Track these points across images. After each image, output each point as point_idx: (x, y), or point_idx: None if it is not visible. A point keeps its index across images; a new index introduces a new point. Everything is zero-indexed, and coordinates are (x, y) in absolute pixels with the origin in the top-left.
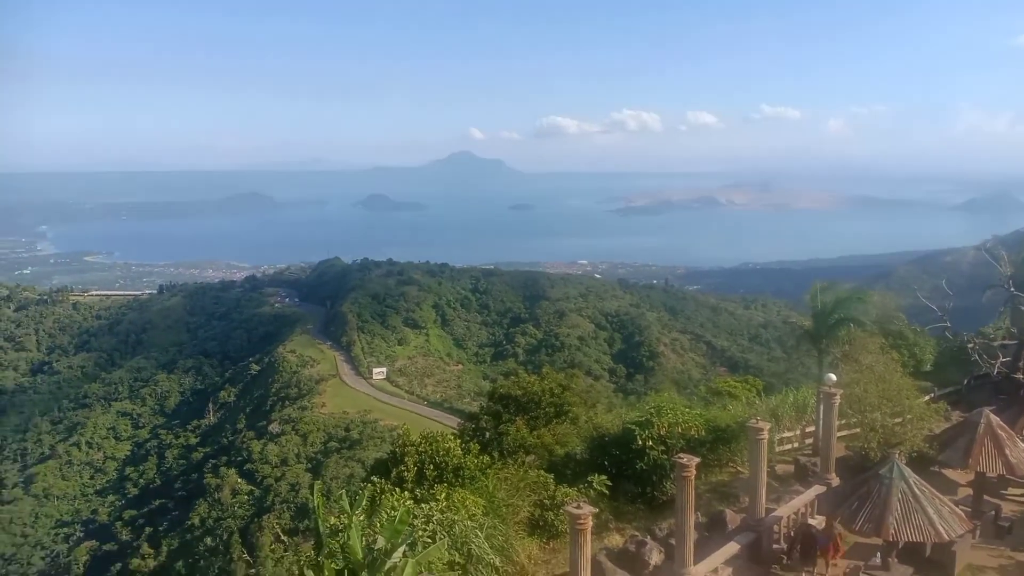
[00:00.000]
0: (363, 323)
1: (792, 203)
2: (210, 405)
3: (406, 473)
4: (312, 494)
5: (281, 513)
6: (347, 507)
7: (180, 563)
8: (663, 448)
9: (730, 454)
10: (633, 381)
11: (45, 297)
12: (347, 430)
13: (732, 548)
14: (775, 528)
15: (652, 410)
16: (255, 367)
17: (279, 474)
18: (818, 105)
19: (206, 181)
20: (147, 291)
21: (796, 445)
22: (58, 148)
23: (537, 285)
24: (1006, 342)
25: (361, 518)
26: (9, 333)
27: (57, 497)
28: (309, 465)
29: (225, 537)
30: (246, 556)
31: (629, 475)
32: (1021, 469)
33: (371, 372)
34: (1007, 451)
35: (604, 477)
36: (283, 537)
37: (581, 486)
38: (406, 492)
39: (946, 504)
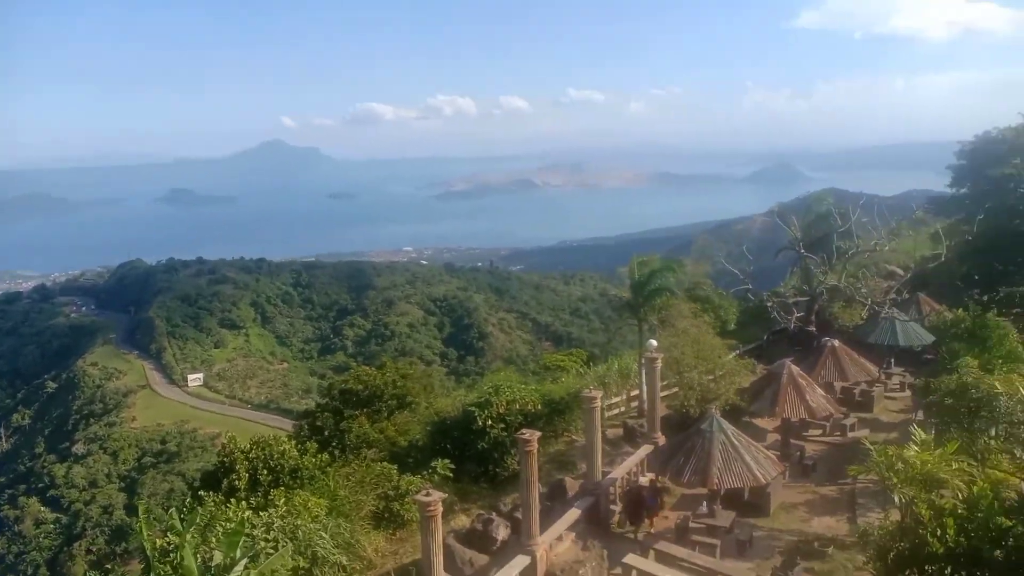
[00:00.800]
0: (173, 328)
1: (602, 182)
2: (0, 430)
3: (238, 482)
4: (138, 514)
5: (94, 539)
6: (177, 524)
7: None
8: (503, 426)
9: (565, 424)
10: (465, 363)
11: None
12: (163, 443)
13: (573, 514)
14: (611, 490)
15: (490, 390)
16: (52, 384)
17: (88, 497)
18: (621, 88)
19: None
20: None
21: (623, 409)
22: None
23: (362, 275)
24: (798, 299)
25: (194, 534)
26: None
27: None
28: (122, 484)
29: (30, 572)
30: None
31: (471, 456)
32: (820, 412)
33: (186, 379)
34: (807, 397)
35: (447, 461)
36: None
37: (425, 473)
38: (241, 502)
39: (760, 450)
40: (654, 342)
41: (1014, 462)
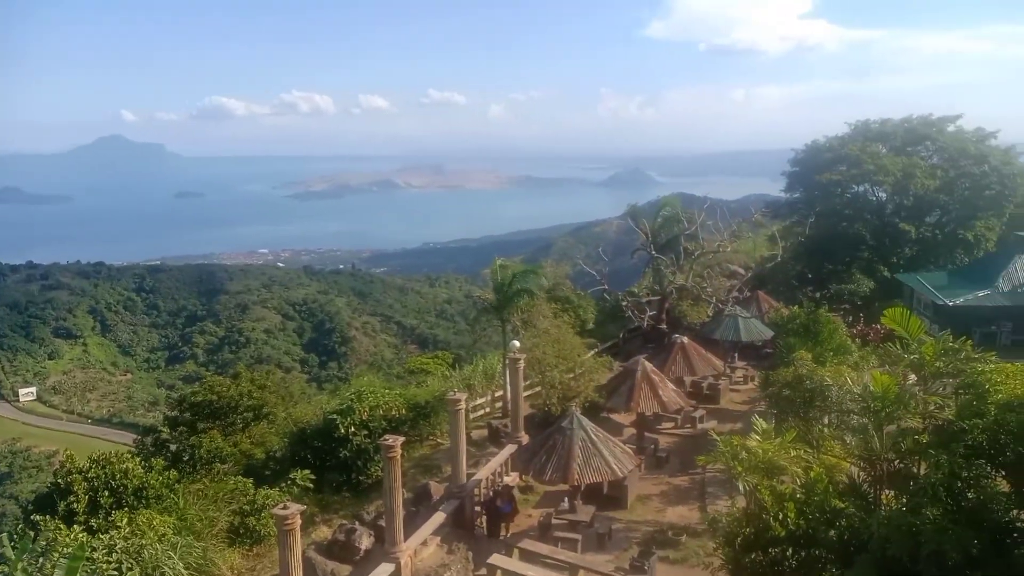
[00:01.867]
0: (1, 338)
1: (464, 184)
2: None
3: (76, 504)
4: None
5: None
6: (8, 551)
7: None
8: (366, 432)
9: (430, 428)
10: (327, 368)
11: None
12: None
13: (439, 518)
14: (475, 492)
15: (352, 396)
16: None
17: None
18: (482, 91)
19: None
20: None
21: (488, 410)
22: None
23: (214, 279)
24: (651, 298)
25: (28, 561)
26: None
27: None
28: None
29: None
30: None
31: (333, 465)
32: (672, 406)
33: (17, 394)
34: (660, 392)
35: (307, 472)
36: None
37: (284, 485)
38: (77, 526)
39: (618, 445)
40: (517, 343)
41: (845, 448)
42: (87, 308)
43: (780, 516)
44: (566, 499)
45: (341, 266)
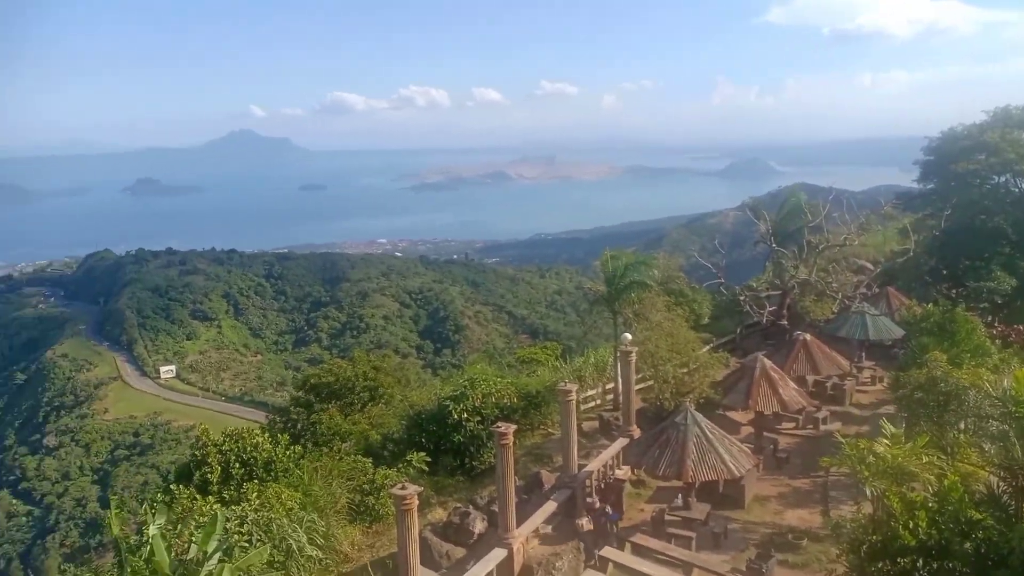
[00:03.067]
0: (144, 319)
1: (575, 175)
2: None
3: (211, 475)
4: (111, 507)
5: (68, 532)
6: (149, 518)
7: None
8: (479, 419)
9: (541, 417)
10: (441, 356)
11: None
12: (136, 435)
13: (550, 507)
14: (587, 482)
15: (466, 383)
16: (20, 376)
17: (61, 490)
18: (594, 81)
19: None
20: None
21: (599, 402)
22: None
23: (336, 267)
24: (771, 293)
25: (167, 528)
26: None
27: None
28: (96, 477)
29: (2, 566)
30: None
31: (447, 449)
32: (793, 406)
33: (158, 371)
34: (780, 390)
35: (423, 454)
36: (82, 557)
37: (400, 466)
38: (211, 496)
39: (734, 443)
40: (628, 335)
41: (983, 456)
42: (221, 293)
43: (910, 525)
44: (680, 496)
45: (455, 256)
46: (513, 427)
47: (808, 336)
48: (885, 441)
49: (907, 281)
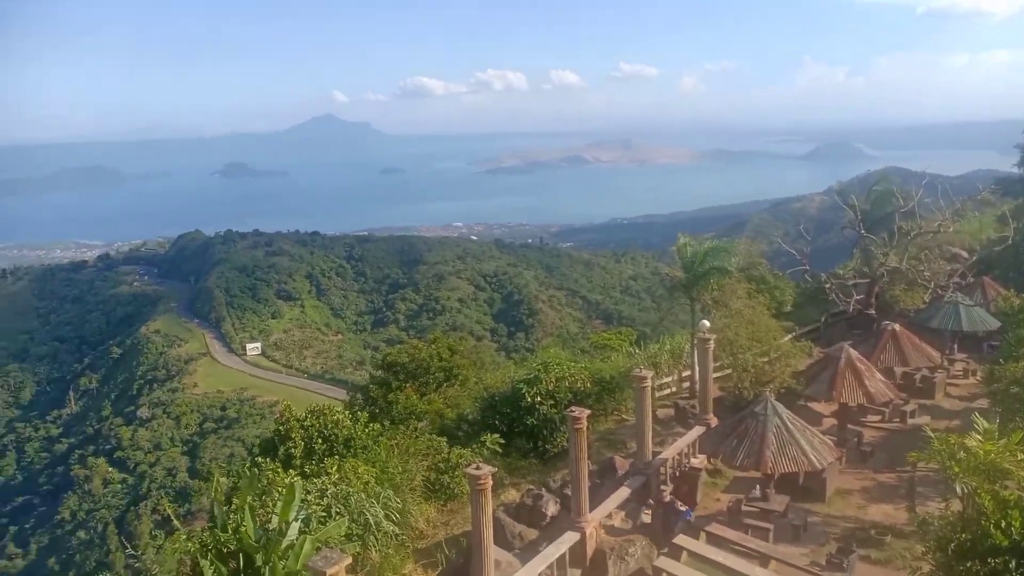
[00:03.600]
0: (232, 298)
1: (653, 158)
2: (71, 393)
3: (294, 449)
4: (210, 479)
5: (159, 499)
6: (237, 489)
7: (52, 560)
8: (552, 403)
9: (615, 403)
10: (515, 339)
11: None
12: (223, 409)
13: (623, 492)
14: (661, 470)
15: (539, 367)
16: (117, 350)
17: (153, 460)
18: (674, 63)
19: (43, 155)
20: None
21: (675, 390)
22: None
23: (414, 250)
24: (858, 281)
25: (253, 499)
26: None
27: None
28: (185, 448)
29: (100, 529)
30: (129, 549)
31: (520, 432)
32: (879, 398)
33: (245, 348)
34: (866, 382)
35: (496, 436)
36: (172, 524)
37: (474, 446)
38: (293, 470)
39: (816, 435)
40: (707, 322)
41: None
42: (305, 273)
43: (1003, 524)
44: (758, 487)
45: (530, 240)
46: (587, 412)
47: (897, 326)
48: (977, 437)
49: (1004, 270)
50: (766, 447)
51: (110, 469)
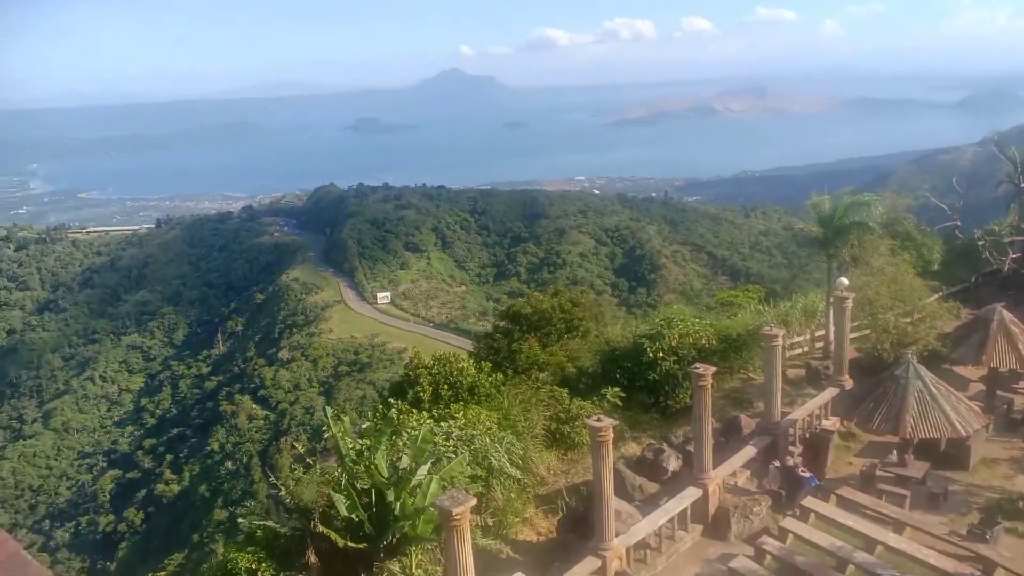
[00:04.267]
0: (364, 249)
1: (788, 108)
2: (219, 335)
3: (422, 394)
4: (334, 417)
5: (298, 435)
6: (370, 428)
7: (203, 487)
8: (675, 359)
9: (741, 362)
10: (636, 294)
11: (43, 236)
12: (356, 354)
13: (749, 451)
14: (790, 431)
15: (663, 322)
16: (260, 296)
17: (292, 399)
18: (815, 4)
19: (193, 111)
20: (145, 226)
21: (806, 350)
22: (44, 83)
23: (536, 204)
24: (1015, 239)
25: (385, 439)
26: (12, 273)
27: (76, 430)
28: (321, 389)
29: (245, 461)
30: (272, 479)
31: (641, 386)
32: None
33: (375, 297)
34: (1020, 346)
35: (617, 389)
36: (309, 459)
37: (595, 399)
38: (424, 412)
39: (962, 400)
40: (845, 280)
41: None
42: (431, 226)
43: None
44: (895, 451)
45: (653, 194)
46: (712, 369)
47: None
48: None
49: None
50: (906, 411)
51: (254, 406)
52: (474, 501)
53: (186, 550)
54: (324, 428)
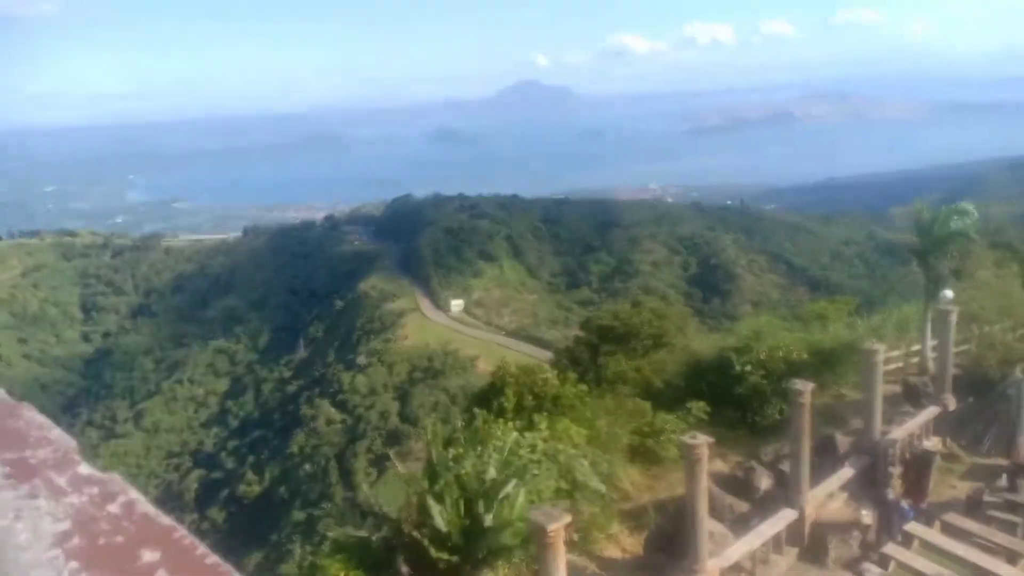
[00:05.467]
0: (438, 257)
1: (873, 112)
2: (301, 340)
3: (506, 403)
4: (431, 425)
5: (374, 440)
6: (460, 437)
7: (283, 488)
8: (763, 373)
9: (834, 377)
10: (710, 304)
11: (138, 243)
12: (430, 360)
13: (846, 473)
14: (890, 451)
15: (750, 335)
16: (339, 303)
17: (369, 403)
18: (903, 5)
19: (279, 123)
20: (233, 234)
21: (901, 365)
22: (139, 98)
23: (608, 212)
24: None
25: (470, 449)
26: (108, 279)
27: (165, 430)
28: (396, 394)
29: (323, 463)
30: (364, 487)
31: (728, 401)
32: None
33: (449, 305)
34: None
35: (703, 404)
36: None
37: (680, 413)
38: (508, 422)
39: None
40: (950, 293)
41: None
42: (504, 235)
43: None
44: (1005, 476)
45: (729, 202)
46: (811, 385)
47: None
48: None
49: None
50: (1019, 433)
51: (332, 410)
52: (568, 518)
53: (265, 550)
54: (399, 433)
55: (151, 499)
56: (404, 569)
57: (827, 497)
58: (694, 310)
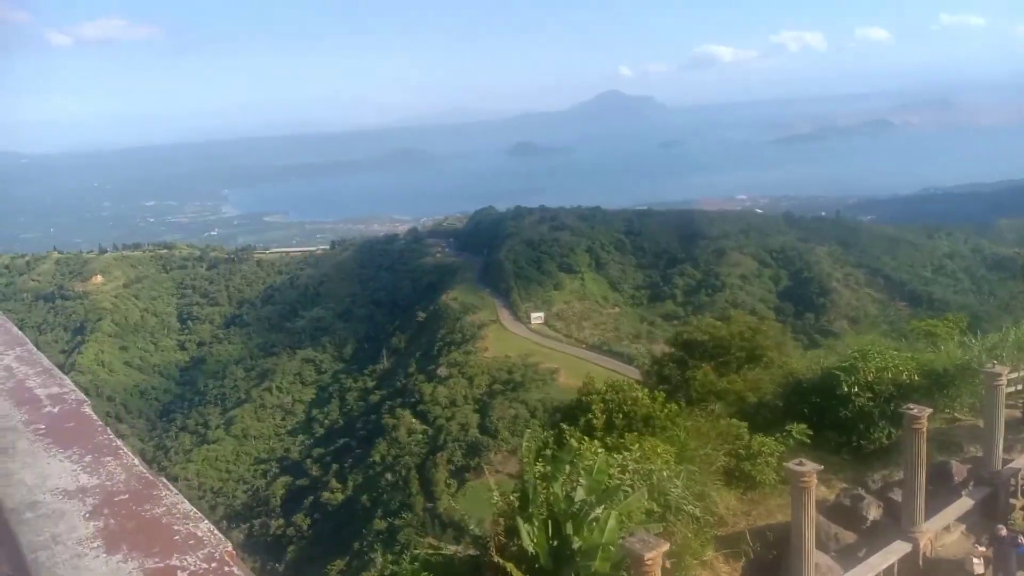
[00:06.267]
0: (519, 269)
1: (976, 119)
2: (384, 351)
3: (595, 421)
4: (527, 443)
5: (453, 451)
6: (550, 456)
7: (365, 496)
8: (870, 395)
9: (948, 400)
10: (803, 319)
11: (232, 256)
12: (510, 373)
13: (965, 504)
14: (1011, 481)
15: (856, 354)
16: (422, 315)
17: (449, 415)
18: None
19: (365, 139)
20: (321, 247)
21: (1021, 388)
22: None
23: (693, 224)
24: None
25: (559, 468)
26: (204, 290)
27: (254, 437)
28: (476, 406)
29: (404, 473)
30: (452, 501)
31: (830, 424)
32: None
33: (529, 317)
34: None
35: (803, 426)
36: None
37: (778, 435)
38: (596, 441)
39: None
40: None
41: None
42: (585, 247)
43: None
44: None
45: (823, 213)
46: (928, 410)
47: None
48: None
49: None
50: None
51: (413, 420)
52: (667, 546)
53: (347, 557)
54: (479, 445)
55: (239, 504)
56: None
57: (943, 530)
58: (785, 325)
